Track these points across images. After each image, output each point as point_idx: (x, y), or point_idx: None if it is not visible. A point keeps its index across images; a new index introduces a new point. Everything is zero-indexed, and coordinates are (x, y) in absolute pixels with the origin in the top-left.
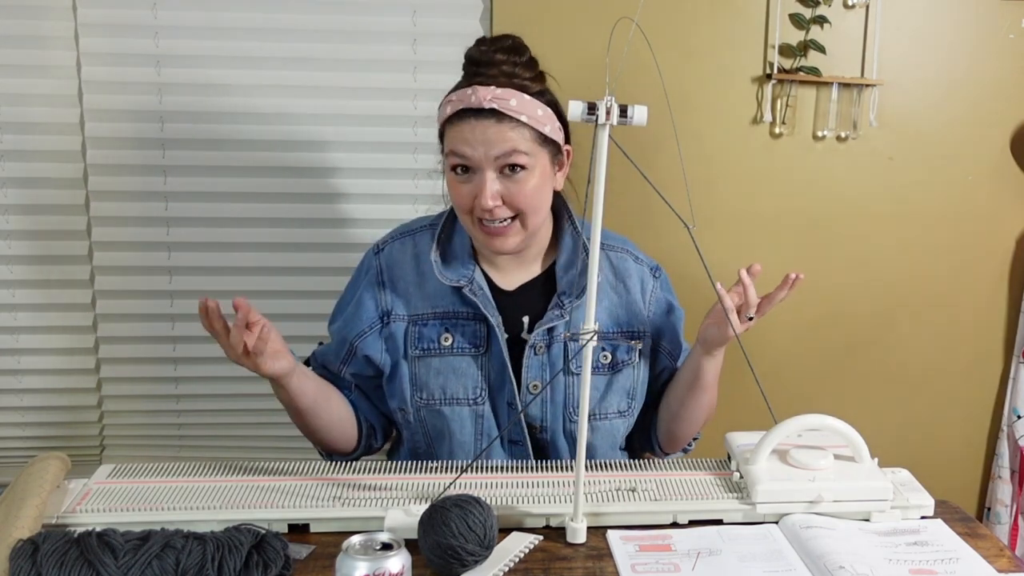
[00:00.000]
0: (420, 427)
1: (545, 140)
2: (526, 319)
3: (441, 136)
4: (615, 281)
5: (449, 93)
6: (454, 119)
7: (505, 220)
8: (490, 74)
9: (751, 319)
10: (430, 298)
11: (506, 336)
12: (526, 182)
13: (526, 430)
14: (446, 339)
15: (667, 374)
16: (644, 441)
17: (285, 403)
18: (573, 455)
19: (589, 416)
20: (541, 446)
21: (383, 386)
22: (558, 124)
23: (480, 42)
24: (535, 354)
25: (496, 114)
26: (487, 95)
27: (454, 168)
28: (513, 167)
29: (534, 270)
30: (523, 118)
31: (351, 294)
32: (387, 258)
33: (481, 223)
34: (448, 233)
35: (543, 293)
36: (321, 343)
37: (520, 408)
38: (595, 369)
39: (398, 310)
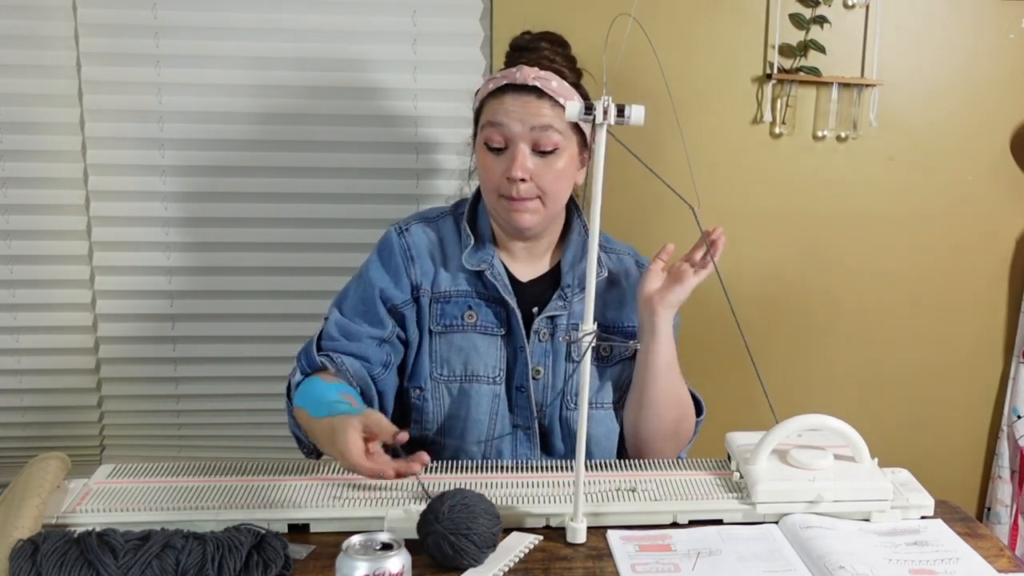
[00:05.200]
0: (436, 405)
1: (576, 128)
2: (535, 310)
3: (477, 116)
4: (616, 278)
5: (490, 78)
6: (496, 93)
7: (530, 200)
8: (532, 57)
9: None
10: (453, 278)
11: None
12: (555, 163)
13: (535, 414)
14: (470, 316)
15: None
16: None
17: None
18: (566, 440)
19: (588, 404)
20: (543, 431)
21: (406, 364)
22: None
23: (525, 32)
24: (539, 340)
25: (537, 91)
26: (531, 73)
27: (488, 144)
28: (545, 149)
29: (544, 265)
30: (561, 100)
31: (379, 268)
32: (412, 237)
33: (506, 200)
34: (473, 218)
35: (551, 286)
36: (324, 322)
37: (530, 393)
38: (592, 360)
39: (424, 285)
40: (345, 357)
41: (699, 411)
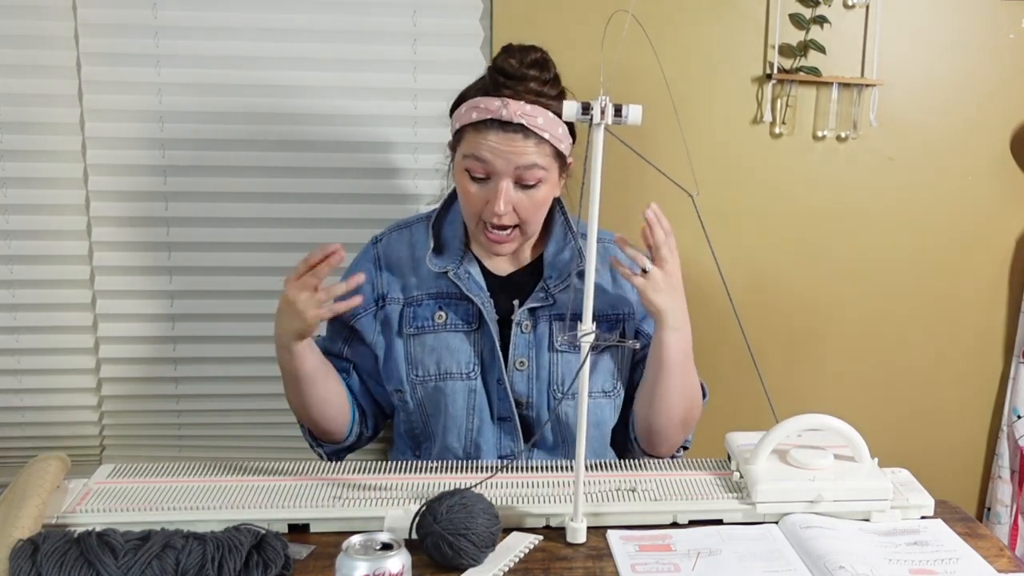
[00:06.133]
0: (417, 406)
1: (559, 155)
2: (516, 302)
3: (457, 135)
4: (601, 267)
5: (471, 96)
6: (480, 126)
7: (509, 229)
8: (519, 89)
9: (645, 271)
10: (424, 282)
11: (496, 317)
12: (536, 194)
13: (514, 406)
14: (440, 317)
15: (644, 354)
16: (625, 439)
17: (286, 368)
18: (554, 430)
19: (573, 394)
20: (527, 423)
21: (380, 370)
22: (571, 140)
23: (508, 53)
24: (521, 332)
25: (523, 129)
26: (518, 110)
27: (469, 170)
28: (528, 184)
29: (525, 258)
30: (546, 135)
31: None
32: (385, 247)
33: (486, 227)
34: (440, 224)
35: (532, 278)
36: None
37: (507, 386)
38: (578, 348)
39: (393, 293)
40: None
41: (703, 394)
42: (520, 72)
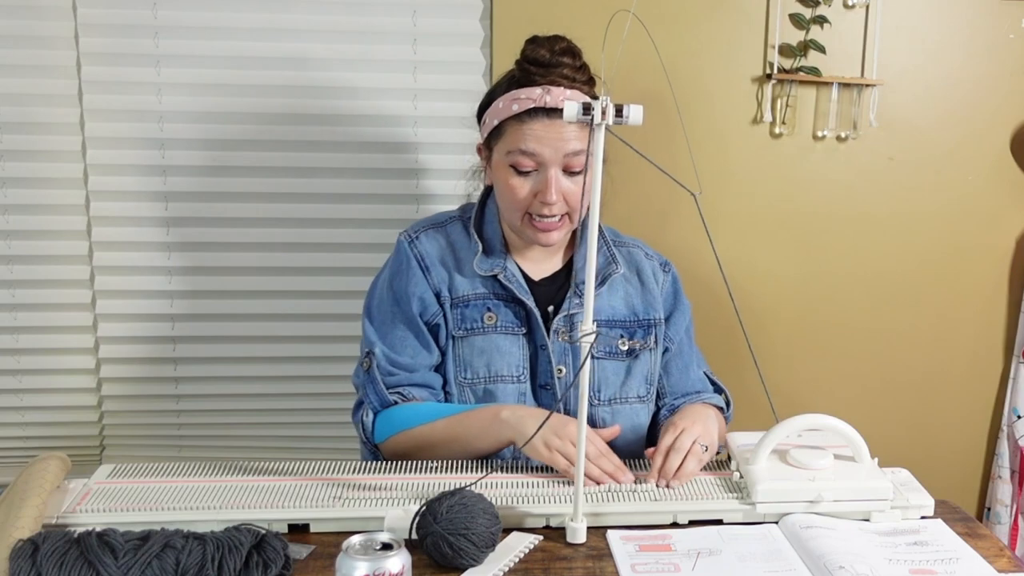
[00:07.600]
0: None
1: None
2: (551, 308)
3: (495, 132)
4: (629, 273)
5: (500, 93)
6: (523, 117)
7: (558, 216)
8: (553, 76)
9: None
10: (470, 282)
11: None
12: (582, 180)
13: (562, 410)
14: (490, 318)
15: (664, 359)
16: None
17: (483, 449)
18: None
19: (611, 400)
20: None
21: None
22: None
23: (537, 44)
24: (558, 339)
25: None
26: (561, 96)
27: (515, 166)
28: (575, 171)
29: (556, 262)
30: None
31: (402, 287)
32: (422, 246)
33: (532, 219)
34: (480, 224)
35: (565, 283)
36: (368, 359)
37: (556, 391)
38: (615, 355)
39: (443, 292)
40: (414, 389)
41: (728, 403)
42: (553, 60)
